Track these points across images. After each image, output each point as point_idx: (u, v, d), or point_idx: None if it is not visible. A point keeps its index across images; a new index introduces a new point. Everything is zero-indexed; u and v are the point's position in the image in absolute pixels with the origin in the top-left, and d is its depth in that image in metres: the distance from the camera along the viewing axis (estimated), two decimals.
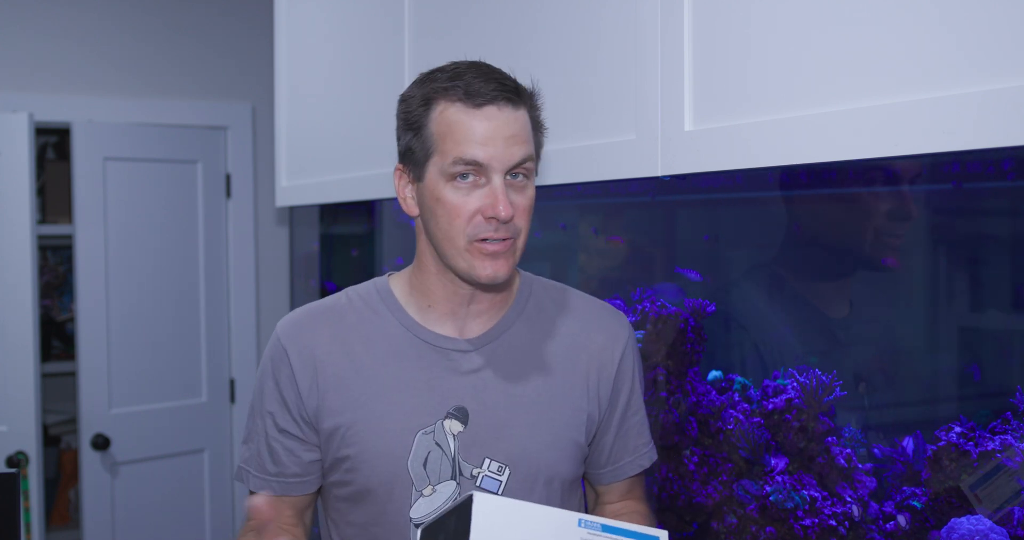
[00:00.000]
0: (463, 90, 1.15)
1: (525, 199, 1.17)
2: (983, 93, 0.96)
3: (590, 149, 1.50)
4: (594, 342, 1.28)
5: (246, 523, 1.25)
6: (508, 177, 1.15)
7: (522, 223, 1.18)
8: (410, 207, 1.24)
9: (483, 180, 1.15)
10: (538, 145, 1.22)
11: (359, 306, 1.28)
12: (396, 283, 1.30)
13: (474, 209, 1.15)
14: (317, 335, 1.26)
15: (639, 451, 1.35)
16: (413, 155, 1.20)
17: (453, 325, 1.26)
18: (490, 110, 1.14)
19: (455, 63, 1.20)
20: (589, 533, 0.96)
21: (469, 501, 0.91)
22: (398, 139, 1.24)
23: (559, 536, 0.94)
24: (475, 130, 1.14)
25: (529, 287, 1.32)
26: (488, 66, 1.20)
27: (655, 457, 1.38)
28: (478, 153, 1.13)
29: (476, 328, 1.26)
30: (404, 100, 1.22)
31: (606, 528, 0.97)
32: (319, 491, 1.32)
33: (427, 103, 1.17)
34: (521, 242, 1.19)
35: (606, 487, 1.36)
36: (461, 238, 1.16)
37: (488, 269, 1.16)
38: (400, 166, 1.24)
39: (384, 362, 1.23)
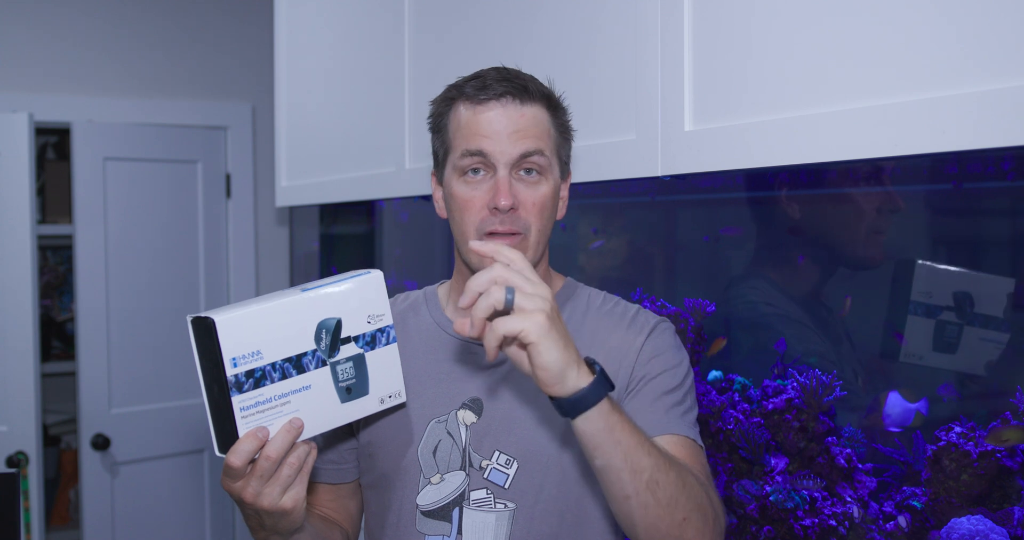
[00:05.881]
0: (473, 88, 1.19)
1: (536, 194, 1.18)
2: (983, 93, 0.96)
3: (590, 149, 1.50)
4: (614, 338, 1.25)
5: None
6: (521, 173, 1.18)
7: (532, 218, 1.18)
8: (440, 209, 1.28)
9: (491, 174, 1.18)
10: (558, 146, 1.23)
11: (403, 307, 1.34)
12: (442, 287, 1.36)
13: (482, 202, 1.18)
14: None
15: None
16: (437, 157, 1.26)
17: None
18: (494, 105, 1.18)
19: (483, 69, 1.24)
20: (308, 292, 1.05)
21: (211, 325, 0.96)
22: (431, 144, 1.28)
23: (294, 317, 1.03)
24: (480, 124, 1.18)
25: (570, 293, 1.31)
26: (510, 69, 1.23)
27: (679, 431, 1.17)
28: (483, 144, 1.17)
29: None
30: (431, 104, 1.27)
31: (321, 285, 1.06)
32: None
33: (446, 105, 1.23)
34: (533, 239, 1.19)
35: None
36: (472, 232, 1.19)
37: None
38: (433, 171, 1.29)
39: (414, 355, 1.27)
